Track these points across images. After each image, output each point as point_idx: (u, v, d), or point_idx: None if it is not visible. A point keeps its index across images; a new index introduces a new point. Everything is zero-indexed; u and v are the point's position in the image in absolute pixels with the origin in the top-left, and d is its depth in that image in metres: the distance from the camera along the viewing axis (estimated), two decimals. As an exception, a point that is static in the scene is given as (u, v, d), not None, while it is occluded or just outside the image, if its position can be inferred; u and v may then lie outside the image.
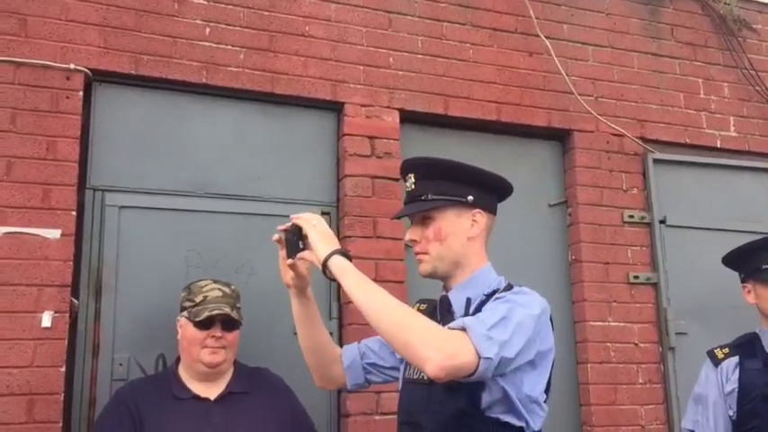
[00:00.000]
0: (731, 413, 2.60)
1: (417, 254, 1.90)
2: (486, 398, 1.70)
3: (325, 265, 1.77)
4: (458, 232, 1.86)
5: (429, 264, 1.88)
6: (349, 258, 1.79)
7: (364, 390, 2.49)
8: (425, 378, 1.72)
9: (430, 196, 1.87)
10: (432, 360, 1.56)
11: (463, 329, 1.62)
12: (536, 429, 1.77)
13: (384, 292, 1.71)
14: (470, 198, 1.87)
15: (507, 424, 1.72)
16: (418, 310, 2.01)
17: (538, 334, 1.72)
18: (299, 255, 1.89)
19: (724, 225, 3.66)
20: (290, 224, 1.91)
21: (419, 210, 1.88)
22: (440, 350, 1.57)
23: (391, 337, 1.65)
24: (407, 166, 1.97)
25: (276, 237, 1.95)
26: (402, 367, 1.97)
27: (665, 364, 3.48)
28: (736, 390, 2.60)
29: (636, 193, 3.66)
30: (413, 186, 1.91)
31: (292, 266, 1.93)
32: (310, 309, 2.05)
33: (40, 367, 2.55)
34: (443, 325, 1.72)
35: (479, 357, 1.58)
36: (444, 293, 1.93)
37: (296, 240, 1.89)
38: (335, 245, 1.82)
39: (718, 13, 4.05)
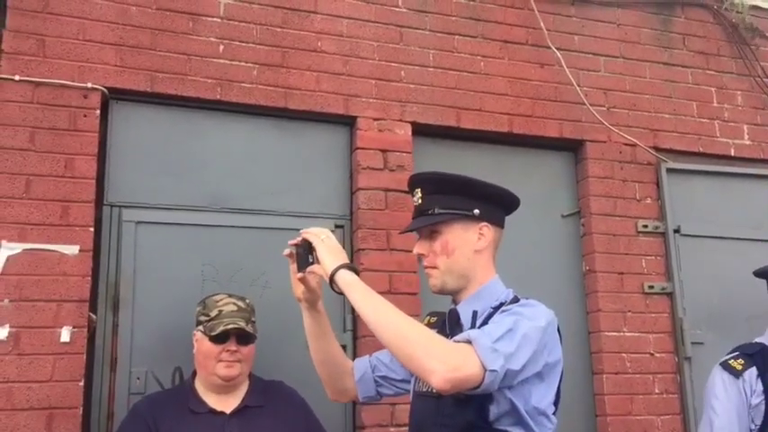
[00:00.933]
0: (753, 426, 2.56)
1: (426, 267, 1.92)
2: (494, 410, 1.71)
3: (332, 278, 1.80)
4: (465, 246, 1.88)
5: (438, 279, 1.90)
6: (357, 272, 1.82)
7: (378, 402, 2.50)
8: (434, 391, 1.72)
9: (437, 210, 1.89)
10: (437, 372, 1.58)
11: (468, 342, 1.64)
12: None
13: (390, 306, 1.73)
14: (477, 212, 1.89)
15: None
16: (428, 323, 2.04)
17: (545, 346, 1.73)
18: (309, 269, 1.92)
19: (738, 234, 3.64)
20: (300, 239, 1.94)
21: (426, 224, 1.90)
22: (445, 363, 1.58)
23: (396, 349, 1.67)
24: (414, 181, 1.99)
25: (287, 251, 1.98)
26: (412, 380, 1.99)
27: (681, 374, 3.46)
28: (763, 402, 2.54)
29: (649, 202, 3.66)
30: (420, 201, 1.94)
31: (302, 280, 1.95)
32: (321, 322, 2.07)
33: (60, 382, 2.59)
34: (451, 338, 1.73)
35: (485, 370, 1.59)
36: (453, 306, 1.94)
37: (305, 254, 1.91)
38: (343, 259, 1.84)
39: (730, 22, 4.05)
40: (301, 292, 1.99)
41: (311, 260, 1.90)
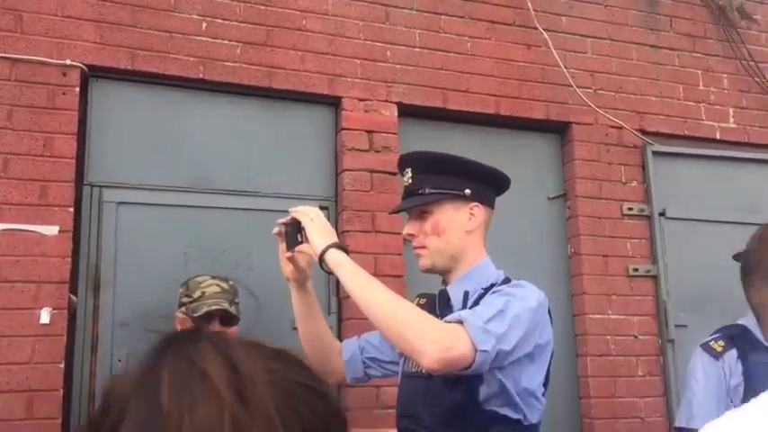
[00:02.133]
0: (732, 407, 2.58)
1: (416, 248, 1.90)
2: (483, 391, 1.70)
3: (321, 258, 1.77)
4: (456, 226, 1.86)
5: (428, 258, 1.88)
6: (346, 252, 1.79)
7: (364, 384, 2.50)
8: (423, 371, 1.72)
9: (427, 190, 1.86)
10: (427, 352, 1.57)
11: (460, 322, 1.62)
12: (534, 422, 1.77)
13: (380, 285, 1.71)
14: (468, 192, 1.87)
15: (505, 417, 1.72)
16: (418, 304, 2.00)
17: (536, 327, 1.72)
18: (297, 248, 1.89)
19: (724, 217, 3.65)
20: (289, 217, 1.91)
21: (416, 204, 1.88)
22: (436, 342, 1.57)
23: (387, 329, 1.66)
24: (405, 161, 1.97)
25: (276, 230, 1.94)
26: (401, 361, 1.97)
27: (664, 356, 3.48)
28: (742, 384, 2.56)
29: (635, 185, 3.65)
30: (410, 181, 1.91)
31: (291, 260, 1.92)
32: (310, 302, 2.04)
33: (40, 364, 2.55)
34: (442, 319, 1.72)
35: (476, 350, 1.58)
36: (443, 287, 1.93)
37: (294, 234, 1.88)
38: (333, 238, 1.82)
39: (717, 4, 4.03)
40: (290, 272, 1.95)
41: (300, 239, 1.87)
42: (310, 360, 2.09)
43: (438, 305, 1.92)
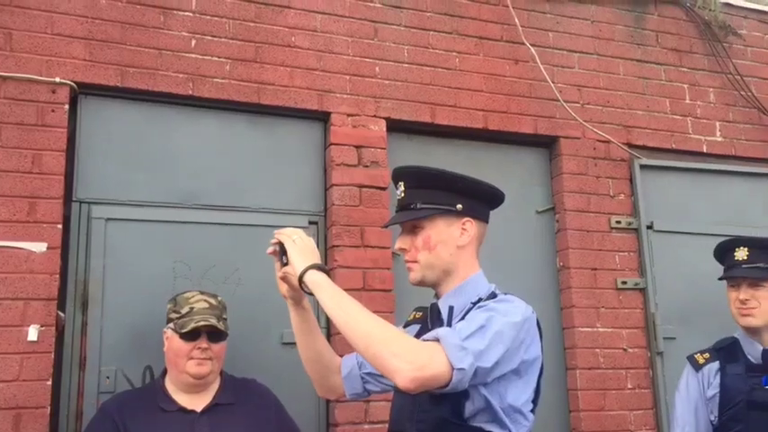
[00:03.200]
0: (712, 418, 2.62)
1: (407, 262, 1.91)
2: (469, 407, 1.70)
3: (300, 279, 1.81)
4: (447, 241, 1.86)
5: (418, 272, 1.88)
6: (327, 272, 1.82)
7: (353, 399, 2.50)
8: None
9: (419, 205, 1.87)
10: (401, 371, 1.57)
11: (437, 340, 1.62)
12: None
13: (358, 305, 1.72)
14: (459, 207, 1.87)
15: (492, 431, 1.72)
16: (414, 317, 2.05)
17: (522, 342, 1.71)
18: (283, 269, 1.94)
19: (711, 230, 3.67)
20: (275, 239, 1.96)
21: (408, 219, 1.89)
22: (410, 362, 1.57)
23: (363, 348, 1.66)
24: (397, 175, 1.97)
25: (270, 249, 1.98)
26: None
27: (653, 368, 3.49)
28: (718, 395, 2.61)
29: (623, 198, 3.68)
30: (403, 195, 1.92)
31: (284, 279, 1.96)
32: (308, 319, 2.06)
33: (27, 381, 2.55)
34: (425, 335, 1.73)
35: (452, 368, 1.58)
36: (434, 301, 1.94)
37: (282, 254, 1.93)
38: (313, 259, 1.85)
39: (702, 19, 4.08)
40: (285, 290, 1.99)
41: (285, 261, 1.91)
42: (311, 377, 2.13)
43: (430, 319, 1.93)
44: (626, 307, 3.54)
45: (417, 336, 1.91)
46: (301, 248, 1.87)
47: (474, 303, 1.82)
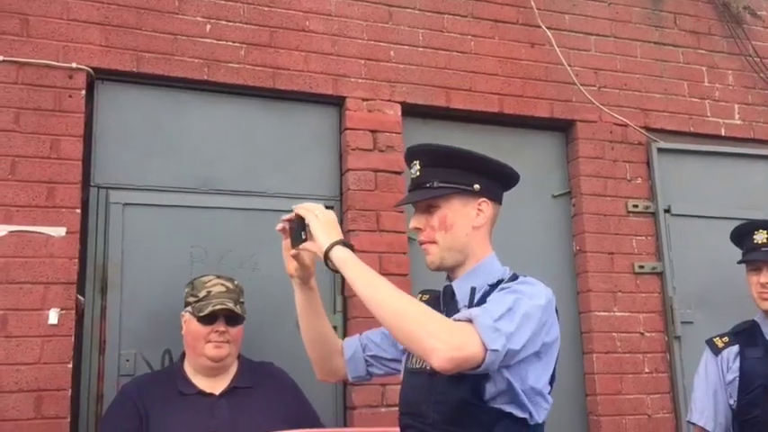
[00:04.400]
0: (731, 402, 2.60)
1: (423, 243, 1.87)
2: (489, 389, 1.68)
3: (326, 255, 1.75)
4: (463, 221, 1.83)
5: (436, 255, 1.84)
6: (352, 249, 1.77)
7: (369, 383, 2.51)
8: (428, 367, 1.69)
9: (436, 184, 1.83)
10: (438, 351, 1.54)
11: (469, 321, 1.60)
12: (539, 421, 1.74)
13: (387, 283, 1.69)
14: (476, 187, 1.83)
15: (510, 415, 1.70)
16: (420, 300, 1.98)
17: (544, 325, 1.69)
18: (302, 246, 1.85)
19: (729, 213, 3.63)
20: (293, 214, 1.88)
21: (425, 197, 1.84)
22: (446, 342, 1.55)
23: (395, 327, 1.63)
24: (412, 153, 1.93)
25: (280, 226, 1.92)
26: (404, 357, 1.95)
27: (670, 353, 3.48)
28: (737, 379, 2.59)
29: (640, 182, 3.65)
30: (418, 173, 1.87)
31: (296, 257, 1.90)
32: (313, 300, 2.01)
33: (48, 364, 2.58)
34: (447, 315, 1.71)
35: (486, 349, 1.56)
36: (448, 283, 1.91)
37: (299, 230, 1.85)
38: (338, 235, 1.79)
39: (721, 1, 4.03)
40: (294, 269, 1.93)
41: (304, 236, 1.84)
42: (312, 359, 2.08)
43: (442, 301, 1.90)
44: (643, 291, 3.52)
45: None
46: (324, 223, 1.80)
47: (492, 285, 1.80)
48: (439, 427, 1.72)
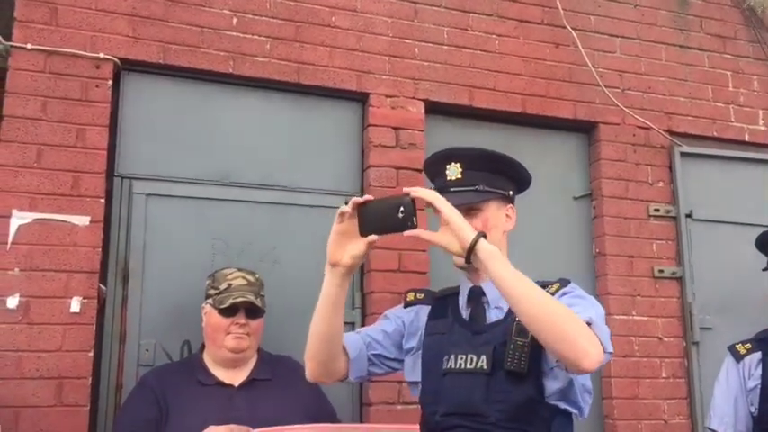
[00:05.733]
0: (752, 409, 2.58)
1: None
2: (551, 386, 1.72)
3: (472, 247, 1.62)
4: (498, 226, 1.87)
5: None
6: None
7: (385, 379, 2.51)
8: (483, 367, 1.72)
9: (482, 187, 1.84)
10: (591, 355, 1.55)
11: (588, 324, 1.61)
12: (586, 416, 1.81)
13: (531, 281, 1.64)
14: (510, 192, 1.90)
15: (565, 411, 1.75)
16: (415, 298, 2.00)
17: None
18: (411, 232, 1.62)
19: (751, 220, 3.60)
20: (405, 194, 1.64)
21: (474, 201, 1.84)
22: (594, 345, 1.57)
23: (545, 326, 1.58)
24: (452, 155, 1.90)
25: (346, 208, 1.68)
26: (445, 358, 1.82)
27: (688, 358, 3.46)
28: (759, 386, 2.57)
29: (662, 186, 3.63)
30: (459, 176, 1.86)
31: (370, 245, 1.70)
32: (343, 294, 1.82)
33: (69, 352, 2.60)
34: (475, 316, 1.79)
35: (604, 352, 1.60)
36: (473, 285, 1.89)
37: (404, 216, 1.61)
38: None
39: (748, 5, 3.99)
40: (349, 257, 1.70)
41: (414, 222, 1.61)
42: (317, 358, 1.86)
43: (468, 301, 1.89)
44: (662, 296, 3.50)
45: (433, 317, 1.91)
46: (458, 213, 1.66)
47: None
48: (501, 426, 1.71)
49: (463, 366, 1.79)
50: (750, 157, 3.83)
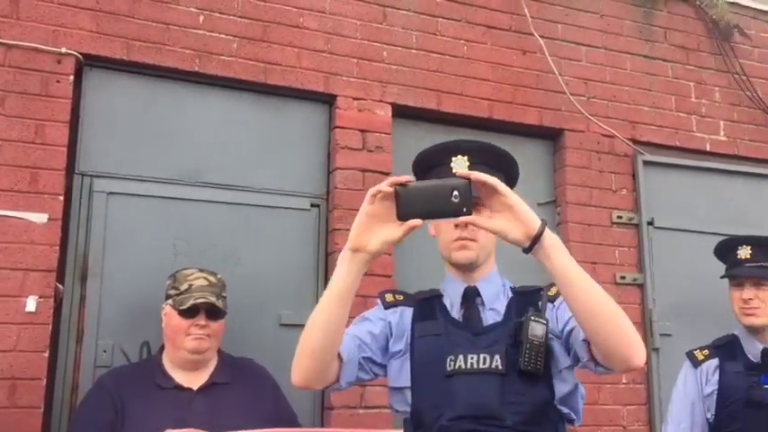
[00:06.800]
0: (709, 415, 2.62)
1: (466, 239, 1.79)
2: (561, 389, 1.71)
3: (539, 235, 1.52)
4: None
5: (474, 251, 1.80)
6: None
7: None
8: (499, 366, 1.66)
9: None
10: (641, 351, 1.55)
11: None
12: (580, 423, 1.79)
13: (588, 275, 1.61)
14: None
15: (568, 415, 1.74)
16: (395, 299, 1.89)
17: None
18: (466, 218, 1.48)
19: (711, 228, 3.66)
20: (468, 175, 1.49)
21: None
22: (642, 343, 1.58)
23: (606, 321, 1.53)
24: (459, 148, 1.81)
25: (382, 187, 1.49)
26: (448, 359, 1.72)
27: (648, 364, 3.50)
28: (716, 392, 2.61)
29: (625, 193, 3.67)
30: (467, 170, 1.69)
31: (410, 229, 1.52)
32: (356, 285, 1.61)
33: (24, 352, 2.53)
34: (473, 318, 1.76)
35: None
36: (468, 285, 1.83)
37: (460, 200, 1.46)
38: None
39: (710, 18, 4.07)
40: (379, 243, 1.53)
41: (468, 209, 1.46)
42: (318, 357, 1.64)
43: (462, 301, 1.82)
44: (624, 302, 3.52)
45: (420, 319, 1.81)
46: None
47: (522, 293, 1.83)
48: (518, 429, 1.65)
49: (476, 366, 1.69)
50: (711, 167, 3.90)
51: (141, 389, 2.38)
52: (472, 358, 1.70)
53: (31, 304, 2.56)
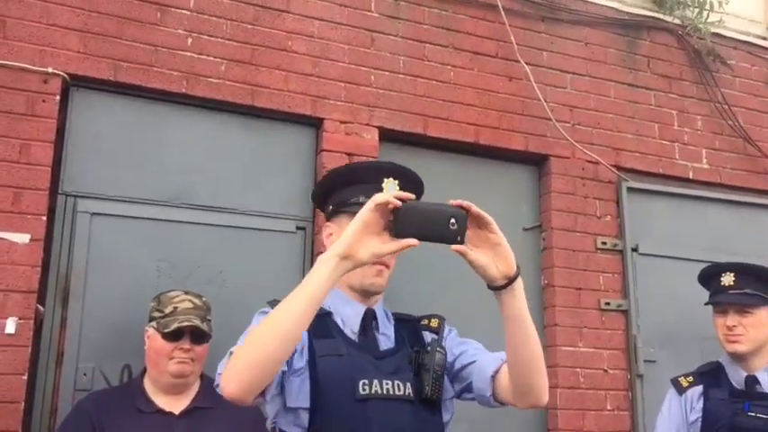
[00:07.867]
0: None
1: (383, 265, 1.75)
2: (445, 416, 1.77)
3: (515, 277, 1.57)
4: None
5: (386, 279, 1.77)
6: None
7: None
8: (410, 395, 1.68)
9: None
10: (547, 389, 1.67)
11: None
12: None
13: None
14: None
15: None
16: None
17: None
18: (458, 247, 1.50)
19: (694, 255, 3.69)
20: (457, 203, 1.50)
21: None
22: None
23: (538, 360, 1.62)
24: (392, 170, 1.79)
25: (394, 202, 1.46)
26: (360, 382, 1.67)
27: (633, 391, 3.50)
28: (700, 419, 2.61)
29: (609, 220, 3.70)
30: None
31: (406, 248, 1.50)
32: (328, 292, 1.55)
33: (2, 375, 2.49)
34: (370, 341, 1.73)
35: None
36: (368, 307, 1.78)
37: (455, 229, 1.48)
38: None
39: (692, 47, 4.14)
40: (370, 254, 1.48)
41: (462, 238, 1.49)
42: (268, 367, 1.49)
43: (362, 323, 1.76)
44: (608, 328, 3.54)
45: (319, 337, 1.70)
46: None
47: (403, 320, 1.85)
48: None
49: (391, 392, 1.68)
50: (694, 195, 3.94)
51: (121, 413, 2.34)
52: (387, 384, 1.68)
53: (10, 326, 2.52)
